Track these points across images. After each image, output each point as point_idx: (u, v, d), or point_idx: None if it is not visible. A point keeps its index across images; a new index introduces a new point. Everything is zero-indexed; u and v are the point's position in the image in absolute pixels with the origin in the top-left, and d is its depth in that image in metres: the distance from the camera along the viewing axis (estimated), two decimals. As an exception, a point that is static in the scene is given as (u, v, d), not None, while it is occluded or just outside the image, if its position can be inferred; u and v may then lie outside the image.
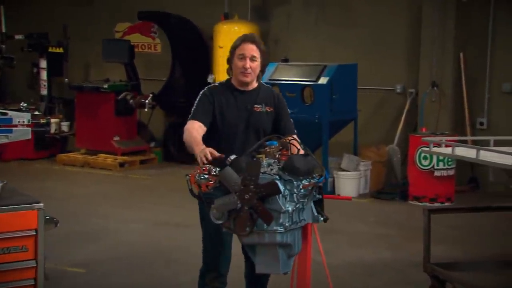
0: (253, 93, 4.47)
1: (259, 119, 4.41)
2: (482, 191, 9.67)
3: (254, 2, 11.25)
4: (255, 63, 4.37)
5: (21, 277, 3.78)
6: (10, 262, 3.79)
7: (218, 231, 4.27)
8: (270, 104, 4.47)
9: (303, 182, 3.94)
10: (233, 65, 4.43)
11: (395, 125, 10.04)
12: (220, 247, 4.43)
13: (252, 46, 4.37)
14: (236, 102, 4.42)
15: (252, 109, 4.41)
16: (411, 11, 10.14)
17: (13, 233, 3.76)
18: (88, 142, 11.55)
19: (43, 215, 3.81)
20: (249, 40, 4.41)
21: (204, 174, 3.95)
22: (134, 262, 6.42)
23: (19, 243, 3.77)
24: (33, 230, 3.79)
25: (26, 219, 3.76)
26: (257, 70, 4.41)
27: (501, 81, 9.65)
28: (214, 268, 4.48)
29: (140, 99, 11.15)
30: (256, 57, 4.36)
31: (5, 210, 3.73)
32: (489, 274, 5.10)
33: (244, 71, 4.35)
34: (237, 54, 4.39)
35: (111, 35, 12.60)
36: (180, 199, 9.09)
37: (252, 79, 4.42)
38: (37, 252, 3.79)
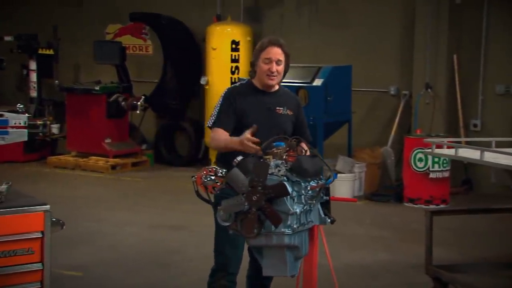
0: (275, 95, 4.49)
1: (281, 121, 4.42)
2: (475, 192, 9.67)
3: (246, 4, 11.20)
4: (281, 66, 4.40)
5: (27, 280, 3.71)
6: (16, 265, 3.72)
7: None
8: (290, 107, 4.50)
9: (311, 184, 3.90)
10: (257, 67, 4.42)
11: (389, 127, 10.03)
12: (232, 247, 4.43)
13: (278, 50, 4.38)
14: (258, 103, 4.41)
15: (274, 111, 4.43)
16: (405, 12, 10.14)
17: (19, 235, 3.69)
18: (79, 145, 11.44)
19: (49, 217, 3.74)
20: (275, 44, 4.40)
21: (210, 176, 3.90)
22: (131, 265, 6.36)
23: (26, 245, 3.70)
24: (39, 232, 3.72)
25: (32, 221, 3.69)
26: (282, 73, 4.44)
27: (495, 83, 9.67)
28: (225, 267, 4.48)
29: (132, 101, 11.06)
30: (281, 60, 4.39)
31: (12, 212, 3.66)
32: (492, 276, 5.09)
33: (271, 74, 4.36)
34: (263, 57, 4.38)
35: (102, 37, 12.51)
36: (174, 201, 9.08)
37: (278, 82, 4.45)
38: (44, 254, 3.72)
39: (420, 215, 8.36)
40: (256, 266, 4.57)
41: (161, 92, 11.52)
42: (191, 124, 11.51)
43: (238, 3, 11.14)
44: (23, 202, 3.78)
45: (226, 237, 4.35)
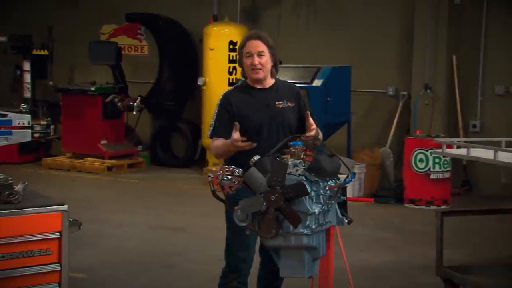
0: (272, 89, 4.38)
1: (282, 115, 4.32)
2: (475, 193, 9.65)
3: (243, 4, 11.14)
4: (264, 58, 4.27)
5: (45, 281, 3.63)
6: (34, 265, 3.64)
7: (243, 231, 4.16)
8: (291, 99, 4.39)
9: (329, 183, 3.84)
10: (243, 65, 4.33)
11: (387, 128, 10.00)
12: (244, 248, 4.37)
13: (257, 42, 4.27)
14: (256, 101, 4.32)
15: (274, 106, 4.32)
16: (404, 13, 10.11)
17: (37, 236, 3.60)
18: (74, 146, 11.33)
19: (67, 217, 3.66)
20: (253, 37, 4.31)
21: (227, 175, 3.82)
22: (134, 267, 6.28)
23: (43, 246, 3.62)
24: (57, 232, 3.64)
25: (50, 221, 3.61)
26: (268, 65, 4.30)
27: (494, 84, 9.65)
28: (237, 268, 4.41)
29: (128, 102, 10.97)
30: (263, 51, 4.26)
31: (29, 212, 3.58)
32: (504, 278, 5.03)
33: (254, 67, 4.26)
34: (244, 53, 4.30)
35: (97, 37, 12.40)
36: (172, 203, 9.01)
37: (265, 74, 4.31)
38: (62, 255, 3.64)
39: (422, 216, 8.47)
40: (267, 267, 4.52)
41: (157, 93, 11.44)
42: (188, 125, 11.44)
43: (235, 3, 11.08)
44: (40, 202, 3.71)
45: (238, 238, 4.33)
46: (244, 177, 3.76)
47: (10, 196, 3.62)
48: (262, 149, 4.03)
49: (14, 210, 3.59)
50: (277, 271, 4.38)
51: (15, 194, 3.66)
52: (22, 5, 13.08)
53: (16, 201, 3.65)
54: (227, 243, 4.47)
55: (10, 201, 3.62)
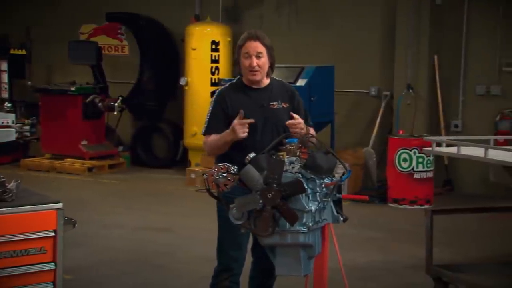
0: (267, 90, 4.34)
1: (276, 116, 4.28)
2: (457, 193, 9.70)
3: (225, 4, 11.10)
4: (262, 59, 4.23)
5: (39, 280, 3.55)
6: (29, 264, 3.56)
7: (235, 230, 4.12)
8: (285, 99, 4.36)
9: (325, 181, 3.81)
10: (241, 64, 4.29)
11: (370, 127, 10.02)
12: (236, 247, 4.31)
13: (256, 44, 4.23)
14: (251, 100, 4.28)
15: (268, 107, 4.29)
16: (386, 13, 10.14)
17: (32, 234, 3.52)
18: (54, 147, 11.20)
19: (62, 215, 3.59)
20: (253, 38, 4.25)
21: (222, 173, 3.78)
22: (122, 267, 6.22)
23: (38, 244, 3.54)
24: (52, 231, 3.56)
25: (45, 219, 3.54)
26: (265, 66, 4.27)
27: (475, 84, 9.71)
28: (228, 267, 4.36)
29: (109, 102, 10.88)
30: (262, 53, 4.23)
31: (24, 210, 3.50)
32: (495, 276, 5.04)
33: (252, 69, 4.22)
34: (243, 53, 4.25)
35: (76, 37, 12.28)
36: (156, 203, 8.94)
37: (262, 76, 4.29)
38: (56, 254, 3.56)
39: (407, 216, 8.49)
40: (260, 267, 4.49)
41: (138, 93, 11.36)
42: (169, 125, 11.37)
43: (217, 3, 11.03)
44: (35, 200, 3.64)
45: (229, 237, 4.28)
46: (240, 174, 3.73)
47: (4, 194, 3.55)
48: (255, 149, 4.00)
49: (8, 208, 3.52)
50: (269, 270, 4.37)
51: (9, 192, 3.58)
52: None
53: (10, 199, 3.58)
54: (219, 242, 4.41)
55: (4, 199, 3.55)
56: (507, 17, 9.42)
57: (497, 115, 9.52)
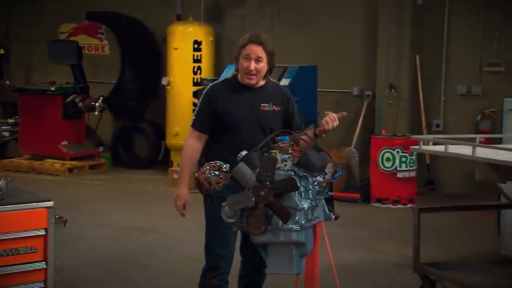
0: (260, 90, 4.31)
1: (265, 118, 4.25)
2: (438, 192, 9.74)
3: (207, 3, 11.07)
4: (261, 64, 4.21)
5: (30, 279, 3.50)
6: (19, 264, 3.51)
7: (223, 229, 4.11)
8: (278, 103, 4.33)
9: (317, 178, 3.80)
10: (239, 64, 4.26)
11: (352, 127, 10.02)
12: (224, 245, 4.28)
13: (257, 48, 4.21)
14: (242, 99, 4.25)
15: (258, 108, 4.26)
16: (367, 13, 10.16)
17: (22, 233, 3.46)
18: (33, 147, 11.08)
19: (53, 213, 3.54)
20: (255, 41, 4.23)
21: (214, 171, 3.75)
22: (108, 268, 6.16)
23: (28, 243, 3.49)
24: (42, 229, 3.51)
25: (35, 218, 3.48)
26: (263, 70, 4.24)
27: (456, 84, 9.77)
28: (216, 266, 4.33)
29: (90, 102, 10.79)
30: (261, 57, 4.20)
31: (14, 209, 3.44)
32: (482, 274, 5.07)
33: (249, 72, 4.19)
34: (243, 54, 4.22)
35: (55, 36, 12.17)
36: (139, 204, 8.88)
37: (258, 80, 4.27)
38: (47, 253, 3.50)
39: (390, 215, 8.52)
40: (249, 265, 4.46)
41: (119, 93, 11.28)
42: (151, 125, 11.30)
43: (199, 3, 11.00)
44: (25, 199, 3.57)
45: (217, 236, 4.27)
46: (232, 172, 3.71)
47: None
48: (241, 149, 3.97)
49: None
50: (258, 269, 4.35)
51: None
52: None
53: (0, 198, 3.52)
54: (206, 241, 4.38)
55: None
56: (487, 18, 9.49)
57: (477, 115, 9.58)
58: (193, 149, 4.28)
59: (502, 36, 9.42)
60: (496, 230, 6.88)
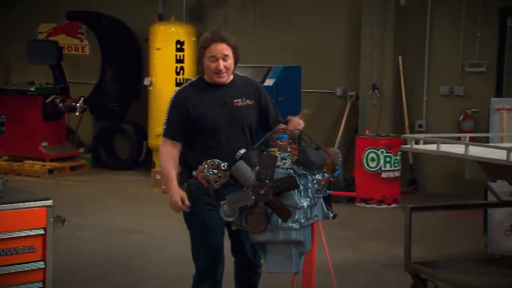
0: (230, 86, 4.18)
1: (240, 114, 4.15)
2: (421, 192, 9.78)
3: (189, 3, 11.01)
4: (228, 61, 4.10)
5: (29, 279, 3.42)
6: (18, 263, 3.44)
7: (208, 235, 4.09)
8: (250, 96, 4.21)
9: (316, 177, 3.78)
10: (204, 65, 4.12)
11: (335, 127, 10.03)
12: (213, 252, 4.17)
13: (222, 46, 4.07)
14: (213, 99, 4.12)
15: (231, 104, 4.13)
16: (350, 14, 10.18)
17: (21, 233, 3.39)
18: (12, 148, 10.89)
19: (52, 212, 3.46)
20: (218, 40, 4.08)
21: (213, 169, 3.70)
22: (94, 270, 6.09)
23: (27, 243, 3.41)
24: (41, 229, 3.43)
25: (34, 217, 3.41)
26: (232, 66, 4.14)
27: (439, 84, 9.81)
28: (209, 276, 4.22)
29: (71, 103, 10.67)
30: (228, 55, 4.08)
31: (13, 208, 3.36)
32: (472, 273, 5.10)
33: (219, 72, 4.07)
34: (208, 55, 4.08)
35: (34, 36, 12.04)
36: (122, 205, 8.81)
37: (228, 77, 4.16)
38: (46, 252, 3.43)
39: (375, 215, 8.53)
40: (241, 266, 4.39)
41: (100, 93, 11.17)
42: (132, 126, 11.21)
43: (180, 2, 10.94)
44: (23, 197, 3.49)
45: (205, 243, 4.15)
46: (232, 170, 3.66)
47: (-8, 192, 3.41)
48: (221, 150, 3.96)
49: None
50: (251, 268, 4.30)
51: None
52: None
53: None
54: (192, 249, 4.22)
55: (-8, 197, 3.42)
56: (469, 18, 9.54)
57: (460, 115, 9.63)
58: (170, 152, 4.15)
59: (484, 37, 9.48)
60: (480, 229, 6.93)
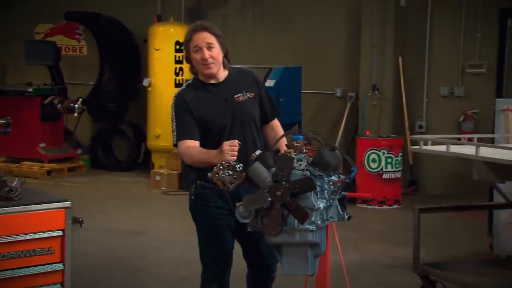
0: (227, 82, 4.03)
1: (244, 109, 4.02)
2: (421, 193, 9.77)
3: (187, 4, 10.98)
4: (214, 50, 3.91)
5: (47, 281, 3.39)
6: (36, 265, 3.40)
7: (217, 239, 4.03)
8: (249, 89, 4.06)
9: (332, 178, 3.75)
10: (192, 60, 3.98)
11: (335, 128, 10.02)
12: (221, 257, 4.11)
13: (204, 34, 3.91)
14: (213, 98, 3.98)
15: (233, 101, 3.99)
16: (350, 14, 10.17)
17: (39, 234, 3.35)
18: (10, 150, 10.83)
19: (70, 214, 3.42)
20: (199, 29, 3.94)
21: (228, 171, 3.66)
22: (98, 271, 6.07)
23: (46, 244, 3.37)
24: (60, 230, 3.39)
25: (53, 218, 3.36)
26: (219, 57, 3.94)
27: (439, 85, 9.81)
28: (216, 278, 4.16)
29: (69, 104, 10.61)
30: (212, 43, 3.91)
31: (32, 209, 3.32)
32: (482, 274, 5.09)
33: (205, 62, 3.91)
34: (192, 47, 3.93)
35: (31, 37, 11.98)
36: (122, 206, 8.77)
37: (218, 68, 3.97)
38: (64, 254, 3.39)
39: (377, 216, 8.51)
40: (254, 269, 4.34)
41: (98, 94, 11.12)
42: (131, 127, 11.16)
43: (179, 3, 10.91)
44: (42, 199, 3.46)
45: (214, 246, 4.08)
46: (248, 172, 3.63)
47: (10, 193, 3.37)
48: None
49: (15, 207, 3.34)
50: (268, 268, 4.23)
51: (15, 190, 3.40)
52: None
53: (16, 198, 3.40)
54: (200, 250, 4.14)
55: (11, 198, 3.36)
56: (469, 19, 9.54)
57: (460, 116, 9.63)
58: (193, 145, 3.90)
59: (484, 38, 9.48)
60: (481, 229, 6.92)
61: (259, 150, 3.77)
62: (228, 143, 3.68)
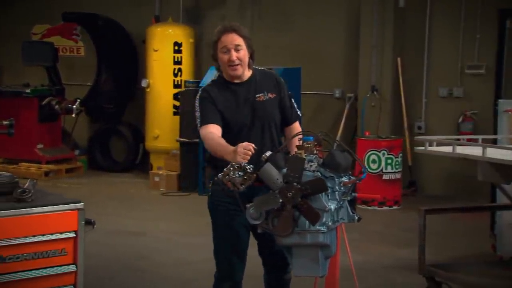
0: (251, 82, 4.09)
1: (264, 109, 4.07)
2: (421, 194, 9.77)
3: (186, 4, 10.94)
4: (241, 52, 4.00)
5: (60, 283, 3.37)
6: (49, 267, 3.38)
7: (233, 236, 4.01)
8: (271, 89, 4.12)
9: (343, 179, 3.74)
10: (219, 60, 4.05)
11: (334, 129, 9.99)
12: (236, 253, 4.10)
13: (233, 36, 3.99)
14: (235, 97, 4.05)
15: (254, 100, 4.05)
16: (349, 16, 10.16)
17: (52, 236, 3.32)
18: (7, 151, 10.78)
19: (83, 215, 3.40)
20: (229, 30, 4.01)
21: (238, 172, 3.64)
22: (102, 273, 6.01)
23: (59, 246, 3.36)
24: (72, 232, 3.37)
25: (66, 220, 3.35)
26: (245, 58, 4.03)
27: (438, 86, 9.81)
28: (230, 274, 4.14)
29: (67, 104, 10.57)
30: (240, 45, 3.99)
31: (45, 211, 3.29)
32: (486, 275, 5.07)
33: (232, 63, 3.98)
34: (220, 48, 4.00)
35: (28, 38, 11.93)
36: (122, 207, 8.74)
37: (243, 70, 4.05)
38: (77, 256, 3.37)
39: (377, 217, 8.50)
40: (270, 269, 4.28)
41: (95, 95, 11.09)
42: (129, 128, 11.13)
43: (177, 3, 10.87)
44: (55, 200, 3.43)
45: (229, 242, 4.08)
46: (259, 173, 3.61)
47: (23, 194, 3.34)
48: None
49: (28, 208, 3.31)
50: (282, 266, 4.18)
51: (28, 192, 3.37)
52: None
53: (29, 199, 3.37)
54: (215, 248, 4.15)
55: (24, 199, 3.34)
56: (468, 20, 9.56)
57: (459, 117, 9.64)
58: (214, 132, 3.92)
59: (483, 38, 9.49)
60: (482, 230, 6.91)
61: (269, 151, 3.74)
62: (243, 146, 3.67)
